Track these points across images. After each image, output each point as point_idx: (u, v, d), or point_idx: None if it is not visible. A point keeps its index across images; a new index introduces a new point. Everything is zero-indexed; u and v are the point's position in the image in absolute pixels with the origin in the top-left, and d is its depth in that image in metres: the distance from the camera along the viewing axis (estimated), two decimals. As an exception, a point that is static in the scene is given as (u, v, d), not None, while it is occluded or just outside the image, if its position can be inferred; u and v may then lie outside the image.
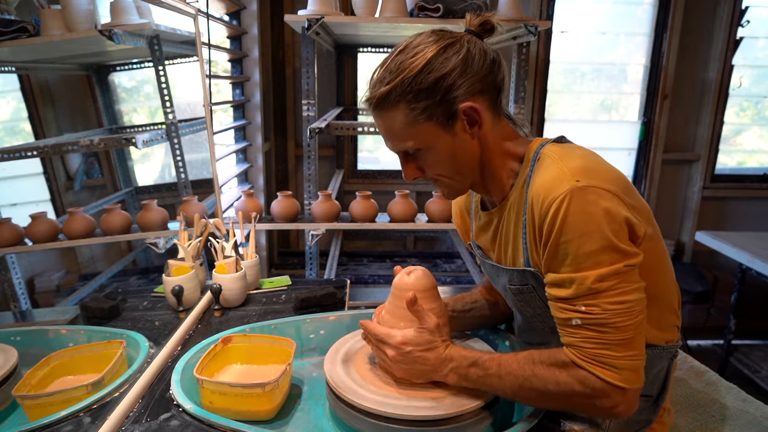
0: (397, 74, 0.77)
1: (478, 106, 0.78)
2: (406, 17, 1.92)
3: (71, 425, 0.78)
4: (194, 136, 1.65)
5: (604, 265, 0.69)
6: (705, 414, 1.08)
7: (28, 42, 0.98)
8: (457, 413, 0.76)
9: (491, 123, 0.81)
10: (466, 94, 0.77)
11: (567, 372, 0.72)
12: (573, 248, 0.70)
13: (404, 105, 0.77)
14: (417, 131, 0.79)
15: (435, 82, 0.76)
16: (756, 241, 2.54)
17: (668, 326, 0.85)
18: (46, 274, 1.15)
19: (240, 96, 2.70)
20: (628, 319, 0.70)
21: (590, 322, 0.70)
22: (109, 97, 1.34)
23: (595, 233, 0.69)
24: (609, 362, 0.70)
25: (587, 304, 0.70)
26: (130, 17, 1.26)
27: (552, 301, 0.75)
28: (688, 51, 3.05)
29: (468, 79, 0.77)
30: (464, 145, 0.81)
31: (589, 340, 0.71)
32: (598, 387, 0.70)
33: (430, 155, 0.81)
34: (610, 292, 0.70)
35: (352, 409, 0.79)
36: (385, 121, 0.81)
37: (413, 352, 0.80)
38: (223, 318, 1.21)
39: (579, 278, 0.70)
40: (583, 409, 0.76)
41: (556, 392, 0.73)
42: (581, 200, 0.70)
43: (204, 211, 1.55)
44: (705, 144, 3.17)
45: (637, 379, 0.71)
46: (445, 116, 0.78)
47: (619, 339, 0.70)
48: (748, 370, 2.74)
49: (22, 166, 1.06)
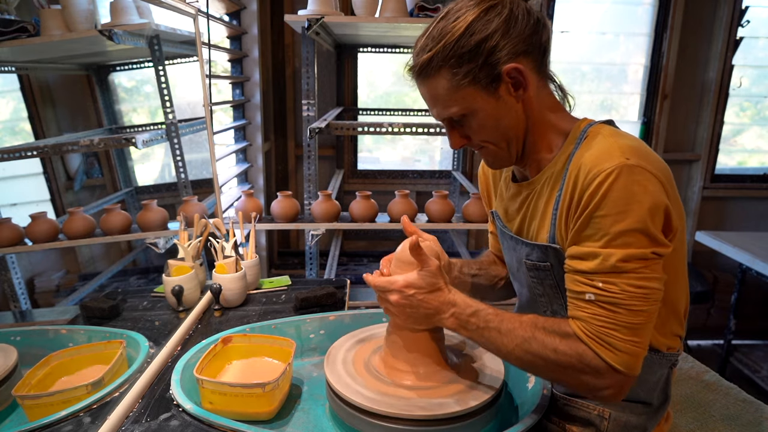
0: (439, 40, 0.76)
1: (522, 67, 0.76)
2: (406, 17, 1.92)
3: (71, 425, 0.78)
4: (194, 136, 1.64)
5: (634, 246, 0.69)
6: (705, 414, 1.08)
7: (28, 42, 0.97)
8: (457, 413, 0.76)
9: (536, 87, 0.80)
10: (510, 55, 0.75)
11: (568, 343, 0.71)
12: (607, 223, 0.69)
13: (447, 70, 0.77)
14: (461, 96, 0.78)
15: (477, 44, 0.75)
16: (756, 241, 2.54)
17: (671, 333, 0.84)
18: (46, 274, 1.15)
19: (240, 96, 2.70)
20: (642, 305, 0.69)
21: (604, 300, 0.70)
22: (109, 97, 1.34)
23: (634, 213, 0.68)
24: (612, 342, 0.69)
25: (606, 281, 0.70)
26: (130, 17, 1.26)
27: (570, 273, 0.75)
28: (688, 51, 3.05)
29: (511, 40, 0.75)
30: (509, 109, 0.79)
31: (598, 318, 0.70)
32: (594, 365, 0.70)
33: (475, 120, 0.80)
34: (632, 275, 0.69)
35: (352, 409, 0.79)
36: (428, 89, 0.80)
37: (416, 294, 0.79)
38: (223, 318, 1.21)
39: (605, 254, 0.70)
40: (572, 383, 0.74)
41: (551, 360, 0.72)
42: (628, 178, 0.69)
43: (204, 211, 1.55)
44: (705, 144, 3.17)
45: (634, 367, 0.71)
46: (489, 79, 0.76)
47: (628, 322, 0.69)
48: (748, 370, 2.74)
49: (22, 166, 1.06)
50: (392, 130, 1.94)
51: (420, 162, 3.40)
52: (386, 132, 1.96)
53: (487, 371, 0.86)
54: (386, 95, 3.22)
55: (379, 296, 0.84)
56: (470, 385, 0.82)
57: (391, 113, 3.04)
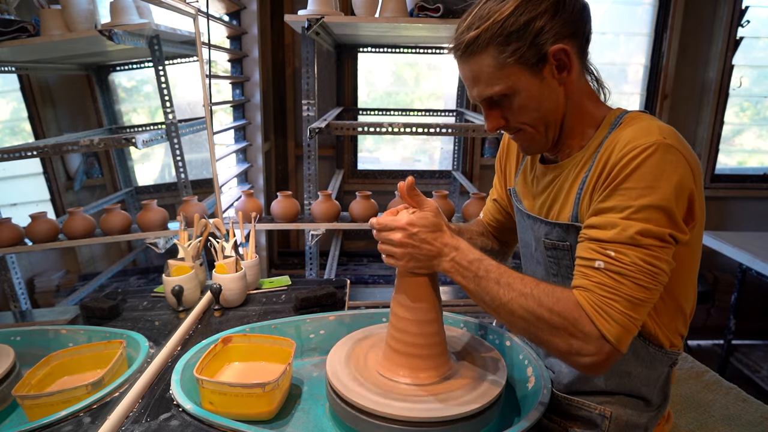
0: (486, 18, 0.77)
1: (569, 49, 0.77)
2: (406, 17, 1.92)
3: (71, 425, 0.78)
4: (194, 136, 1.64)
5: (653, 223, 0.69)
6: (705, 414, 1.09)
7: (28, 42, 0.97)
8: (457, 414, 0.76)
9: (578, 72, 0.82)
10: (557, 36, 0.76)
11: (566, 306, 0.71)
12: (632, 196, 0.70)
13: (494, 48, 0.77)
14: (506, 74, 0.78)
15: (525, 24, 0.75)
16: (756, 241, 2.54)
17: (675, 330, 0.85)
18: (46, 274, 1.15)
19: (240, 96, 2.70)
20: (648, 282, 0.70)
21: (612, 269, 0.70)
22: (109, 97, 1.34)
23: (660, 190, 0.69)
24: (610, 313, 0.69)
25: (618, 251, 0.70)
26: (130, 17, 1.26)
27: (584, 242, 0.75)
28: (688, 51, 3.05)
29: (558, 23, 0.76)
30: (551, 91, 0.80)
31: (603, 287, 0.70)
32: (587, 331, 0.69)
33: (517, 100, 0.80)
34: (645, 250, 0.69)
35: (353, 409, 0.79)
36: (472, 66, 0.80)
37: (419, 233, 0.78)
38: (223, 318, 1.21)
39: (624, 225, 0.70)
40: (557, 345, 0.72)
41: (544, 319, 0.71)
42: (662, 157, 0.70)
43: (204, 211, 1.55)
44: (705, 144, 3.17)
45: (624, 342, 0.70)
46: (535, 59, 0.77)
47: (631, 295, 0.69)
48: (748, 370, 2.74)
49: (22, 166, 1.06)
50: (392, 130, 1.94)
51: (420, 162, 3.40)
52: (386, 132, 1.96)
53: (489, 374, 0.86)
54: (386, 95, 3.22)
55: (382, 239, 0.81)
56: (471, 386, 0.82)
57: (391, 113, 3.04)
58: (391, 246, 0.80)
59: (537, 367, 0.90)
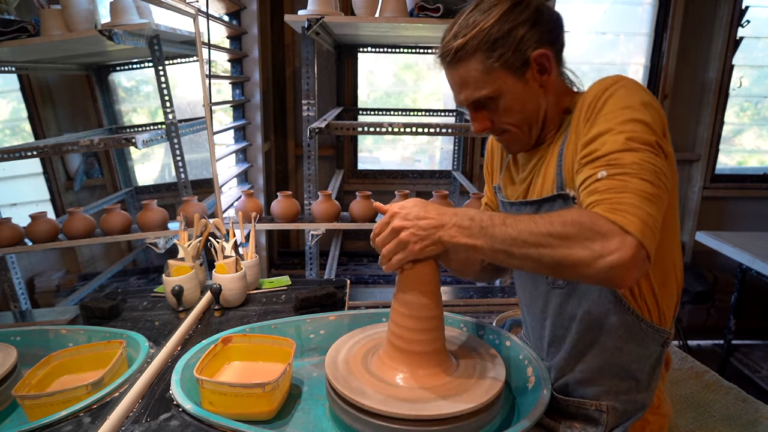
0: (473, 27, 0.83)
1: (549, 53, 0.85)
2: (406, 17, 1.92)
3: (71, 425, 0.78)
4: (194, 136, 1.64)
5: (639, 132, 0.73)
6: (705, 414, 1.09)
7: (28, 42, 0.97)
8: (457, 413, 0.76)
9: (556, 74, 0.89)
10: (538, 43, 0.84)
11: (578, 215, 0.69)
12: (613, 118, 0.74)
13: (480, 54, 0.84)
14: (492, 78, 0.85)
15: (509, 31, 0.83)
16: (756, 241, 2.53)
17: (666, 303, 0.86)
18: (46, 274, 1.15)
19: (240, 96, 2.70)
20: (653, 178, 0.70)
21: (615, 172, 0.71)
22: (109, 97, 1.34)
23: (638, 109, 0.74)
24: (623, 207, 0.67)
25: (616, 157, 0.71)
26: (130, 17, 1.26)
27: (582, 167, 0.76)
28: (688, 51, 3.05)
29: (538, 31, 0.84)
30: (533, 93, 0.87)
31: (612, 190, 0.69)
32: (605, 230, 0.66)
33: (503, 102, 0.87)
34: (641, 153, 0.71)
35: (353, 409, 0.79)
36: (461, 72, 0.86)
37: (412, 211, 0.79)
38: (223, 318, 1.21)
39: (613, 138, 0.73)
40: (579, 257, 0.67)
41: (558, 233, 0.68)
42: (631, 83, 0.78)
43: (204, 211, 1.55)
44: (705, 144, 3.17)
45: (646, 236, 0.66)
46: (519, 63, 0.84)
47: (639, 189, 0.69)
48: (748, 370, 2.74)
49: (22, 166, 1.06)
50: (392, 130, 1.94)
51: (420, 162, 3.40)
52: (386, 132, 1.96)
53: (488, 372, 0.86)
54: (386, 95, 3.22)
55: (382, 239, 0.82)
56: (471, 386, 0.82)
57: (391, 113, 3.04)
58: (394, 238, 0.80)
59: (537, 367, 0.90)
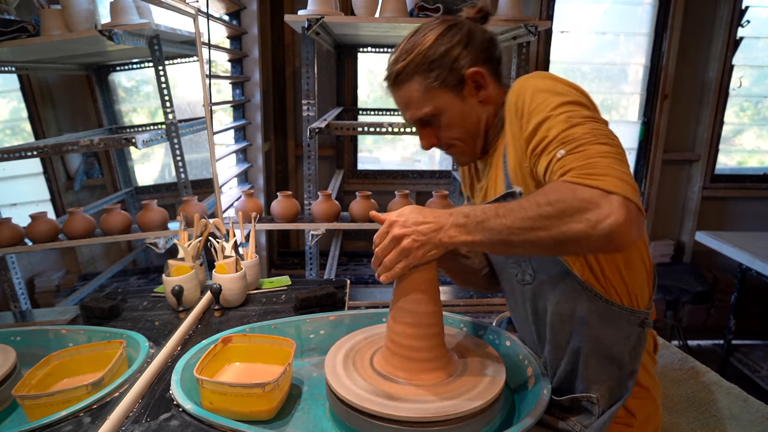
0: (411, 51, 0.90)
1: (483, 71, 0.90)
2: (406, 17, 1.92)
3: (71, 425, 0.78)
4: (194, 136, 1.65)
5: (575, 112, 0.76)
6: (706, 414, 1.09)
7: (28, 42, 0.97)
8: (457, 413, 0.76)
9: (494, 89, 0.93)
10: (472, 62, 0.90)
11: (558, 188, 0.71)
12: (544, 107, 0.78)
13: (419, 75, 0.90)
14: (432, 97, 0.91)
15: (444, 53, 0.89)
16: (756, 241, 2.54)
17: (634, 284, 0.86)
18: (46, 274, 1.15)
19: (240, 96, 2.70)
20: (608, 140, 0.72)
21: (572, 146, 0.73)
22: (109, 97, 1.34)
23: (563, 94, 0.78)
24: (595, 171, 0.69)
25: (566, 134, 0.74)
26: (130, 17, 1.26)
27: (538, 157, 0.78)
28: (688, 51, 3.05)
29: (471, 50, 0.90)
30: (472, 108, 0.93)
31: (576, 161, 0.71)
32: (588, 196, 0.68)
33: (444, 119, 0.93)
34: (585, 125, 0.74)
35: (352, 410, 0.79)
36: (403, 93, 0.94)
37: (410, 217, 0.80)
38: (223, 318, 1.21)
39: (553, 121, 0.76)
40: (576, 230, 0.69)
41: (548, 214, 0.70)
42: (540, 75, 0.83)
43: (204, 211, 1.55)
44: (705, 144, 3.17)
45: (627, 190, 0.68)
46: (455, 82, 0.90)
47: (601, 152, 0.71)
48: (748, 370, 2.74)
49: (22, 166, 1.06)
50: (392, 130, 1.94)
51: (420, 162, 3.40)
52: (386, 132, 1.96)
53: (488, 372, 0.86)
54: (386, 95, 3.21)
55: (384, 248, 0.82)
56: (471, 386, 0.82)
57: (391, 113, 3.04)
58: (395, 246, 0.81)
59: (537, 367, 0.90)
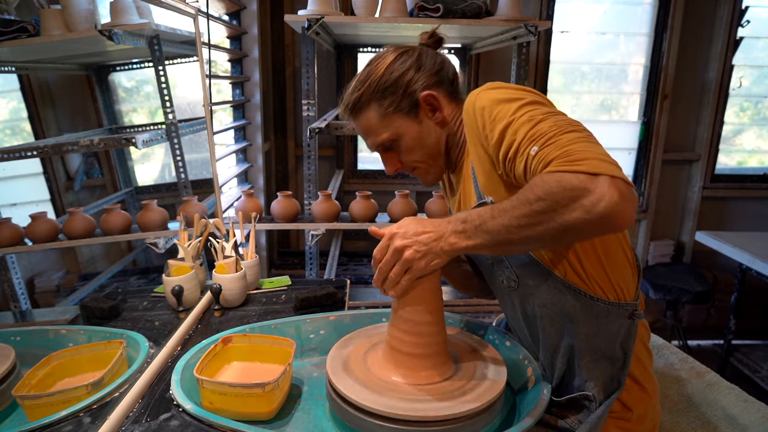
0: (365, 81, 0.94)
1: (436, 94, 0.93)
2: (406, 17, 1.92)
3: (71, 425, 0.78)
4: (194, 136, 1.65)
5: (535, 111, 0.77)
6: (706, 414, 1.09)
7: (28, 42, 0.97)
8: (457, 413, 0.76)
9: (451, 109, 0.97)
10: (424, 86, 0.93)
11: (545, 182, 0.70)
12: (503, 115, 0.79)
13: (375, 103, 0.94)
14: (388, 122, 0.94)
15: (397, 79, 0.93)
16: (756, 241, 2.54)
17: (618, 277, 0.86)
18: (46, 274, 1.15)
19: (240, 96, 2.70)
20: (575, 127, 0.74)
21: (543, 141, 0.73)
22: (109, 97, 1.34)
23: (518, 99, 0.79)
24: (574, 158, 0.69)
25: (533, 132, 0.75)
26: (130, 17, 1.26)
27: (512, 162, 0.78)
28: (688, 51, 3.05)
29: (423, 74, 0.93)
30: (430, 130, 0.96)
31: (552, 151, 0.71)
32: (576, 183, 0.67)
33: (403, 143, 0.96)
34: (548, 120, 0.75)
35: (352, 409, 0.79)
36: (362, 121, 0.97)
37: (410, 228, 0.80)
38: (223, 318, 1.21)
39: (517, 123, 0.77)
40: (575, 218, 0.68)
41: (542, 209, 0.69)
42: (490, 86, 0.84)
43: (204, 211, 1.55)
44: (705, 144, 3.17)
45: (612, 169, 0.68)
46: (410, 106, 0.94)
47: (573, 138, 0.71)
48: (748, 370, 2.74)
49: (22, 166, 1.06)
50: (392, 130, 1.93)
51: (420, 162, 3.40)
52: (386, 132, 1.95)
53: (489, 373, 0.86)
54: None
55: (386, 261, 0.82)
56: (471, 386, 0.82)
57: (391, 113, 3.04)
58: (398, 258, 0.80)
59: (537, 367, 0.90)
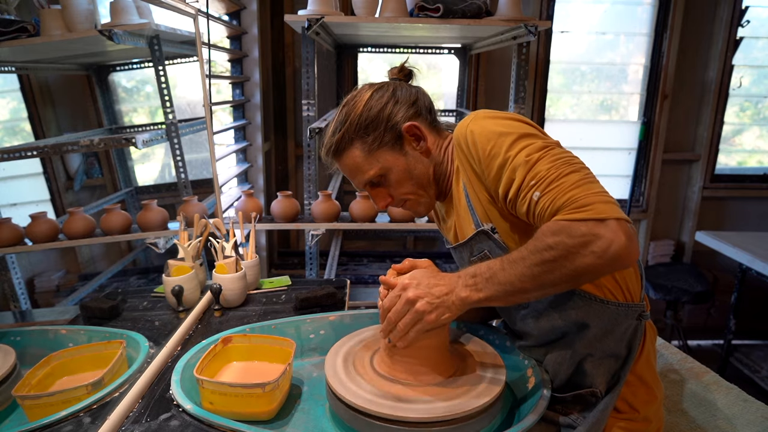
0: (345, 121, 0.94)
1: (417, 123, 0.94)
2: (406, 17, 1.92)
3: (71, 425, 0.78)
4: (194, 136, 1.65)
5: (530, 146, 0.78)
6: (706, 414, 1.09)
7: (28, 42, 0.98)
8: (457, 414, 0.76)
9: (434, 137, 0.97)
10: (404, 118, 0.93)
11: (551, 231, 0.72)
12: (498, 151, 0.80)
13: (359, 141, 0.93)
14: (374, 158, 0.94)
15: (377, 114, 0.93)
16: (756, 241, 2.54)
17: (625, 280, 0.87)
18: (46, 274, 1.15)
19: (240, 96, 2.70)
20: (573, 167, 0.75)
21: (543, 186, 0.75)
22: (109, 97, 1.34)
23: (510, 133, 0.80)
24: (578, 203, 0.71)
25: (532, 176, 0.76)
26: (130, 17, 1.26)
27: (514, 203, 0.80)
28: (688, 51, 3.05)
29: (402, 106, 0.94)
30: (416, 160, 0.95)
31: (553, 200, 0.73)
32: (584, 230, 0.69)
33: (392, 176, 0.95)
34: (544, 159, 0.76)
35: (352, 410, 0.79)
36: (347, 161, 0.96)
37: (423, 280, 0.81)
38: (223, 318, 1.21)
39: (514, 164, 0.78)
40: (585, 263, 0.70)
41: (552, 258, 0.71)
42: (481, 116, 0.85)
43: (204, 211, 1.55)
44: (705, 144, 3.17)
45: (613, 210, 0.70)
46: (394, 139, 0.93)
47: (574, 182, 0.73)
48: (748, 370, 2.74)
49: (22, 166, 1.06)
50: (392, 130, 1.93)
51: (420, 162, 3.40)
52: (386, 132, 1.95)
53: (489, 373, 0.86)
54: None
55: (396, 312, 0.82)
56: (471, 386, 0.82)
57: (391, 113, 3.04)
58: (409, 309, 0.80)
59: (537, 367, 0.90)
